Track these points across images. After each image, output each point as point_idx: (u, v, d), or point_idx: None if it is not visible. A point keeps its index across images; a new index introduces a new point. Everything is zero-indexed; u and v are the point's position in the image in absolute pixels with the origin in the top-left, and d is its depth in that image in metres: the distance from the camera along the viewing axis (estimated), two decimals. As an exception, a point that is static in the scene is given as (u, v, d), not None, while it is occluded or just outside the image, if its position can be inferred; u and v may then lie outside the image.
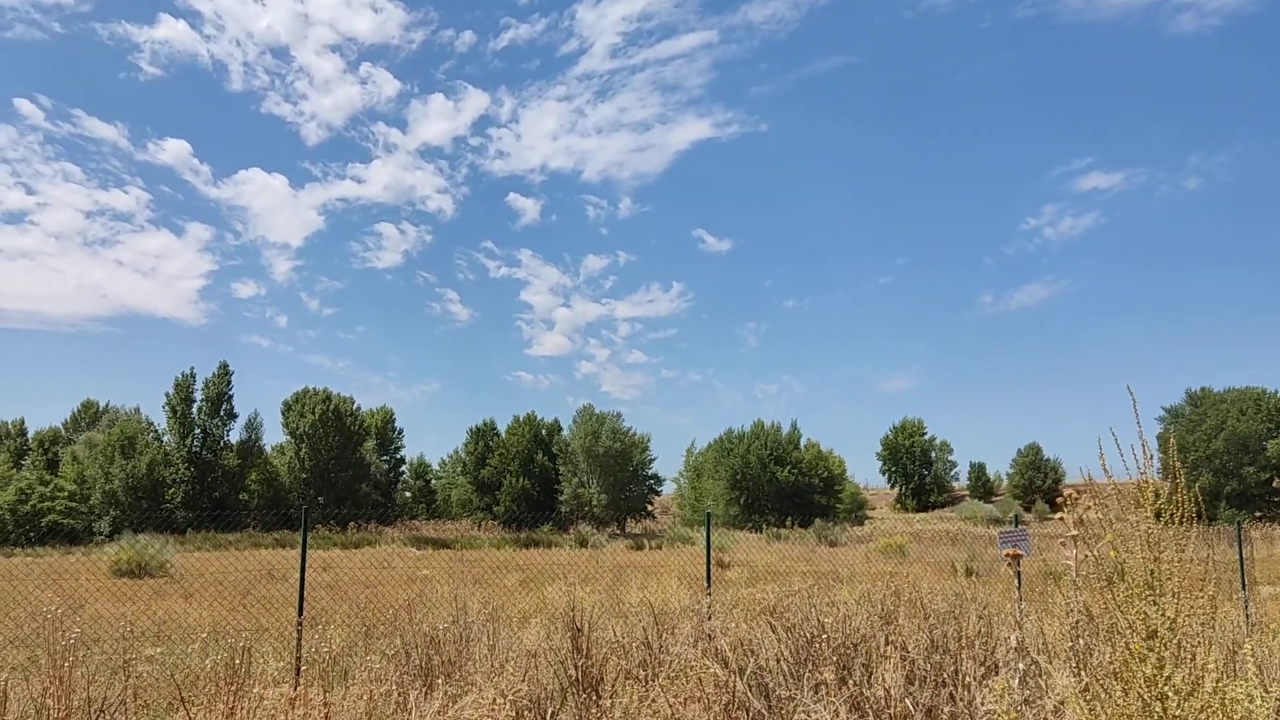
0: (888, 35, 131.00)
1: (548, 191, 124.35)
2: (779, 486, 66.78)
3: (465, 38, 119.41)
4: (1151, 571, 3.63)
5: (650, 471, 70.69)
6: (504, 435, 71.26)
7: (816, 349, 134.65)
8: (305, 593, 8.49)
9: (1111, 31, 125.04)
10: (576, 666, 5.92)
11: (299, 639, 7.00)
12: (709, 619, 8.02)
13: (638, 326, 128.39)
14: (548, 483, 68.34)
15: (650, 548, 42.44)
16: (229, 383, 59.93)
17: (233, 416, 60.01)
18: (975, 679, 7.06)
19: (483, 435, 71.69)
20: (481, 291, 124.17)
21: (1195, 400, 60.55)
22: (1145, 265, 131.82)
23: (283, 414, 64.25)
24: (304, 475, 61.16)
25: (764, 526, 57.13)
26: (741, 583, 20.74)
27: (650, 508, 71.05)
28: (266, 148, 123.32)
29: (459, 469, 73.92)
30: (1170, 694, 3.57)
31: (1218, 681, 4.26)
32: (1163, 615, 3.59)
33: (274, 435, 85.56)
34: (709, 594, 9.74)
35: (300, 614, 7.84)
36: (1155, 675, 3.64)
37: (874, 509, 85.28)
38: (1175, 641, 3.63)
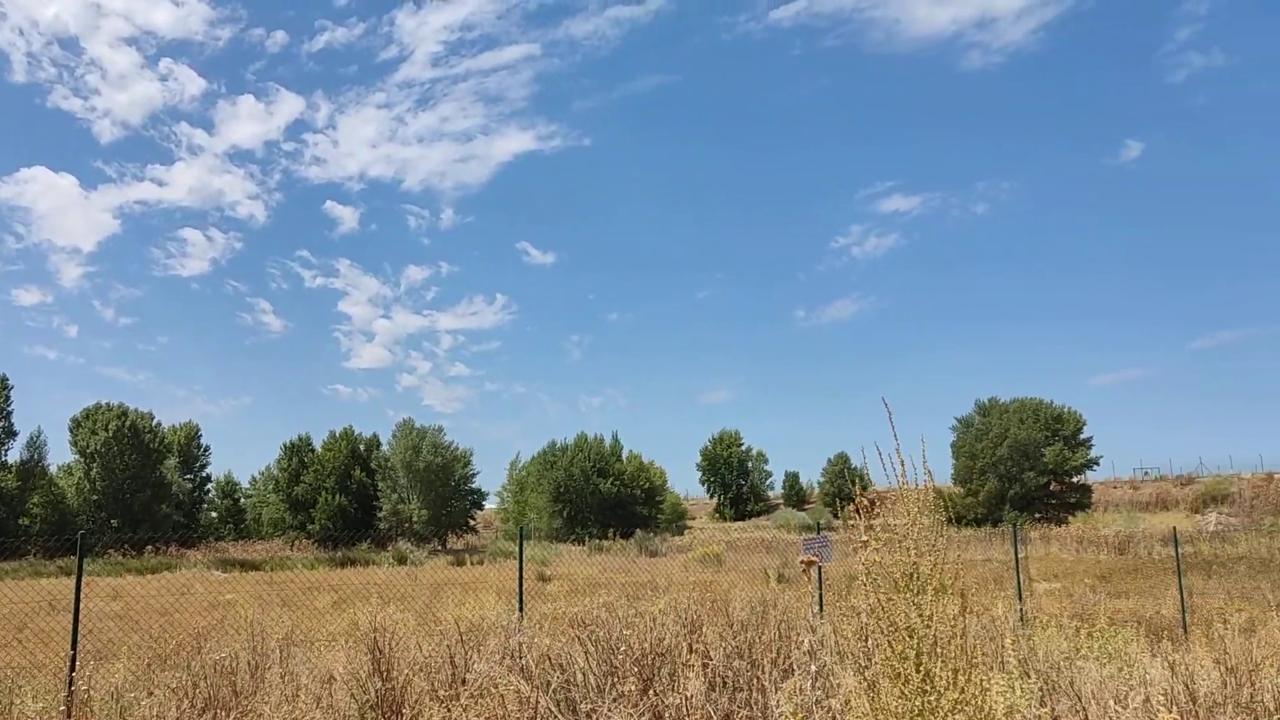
0: (706, 57, 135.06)
1: (367, 200, 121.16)
2: (602, 498, 67.24)
3: (277, 38, 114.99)
4: (911, 573, 3.91)
5: (473, 486, 69.80)
6: (320, 451, 68.63)
7: (639, 361, 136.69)
8: (90, 624, 7.93)
9: (910, 64, 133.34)
10: (376, 690, 5.80)
11: (70, 675, 6.52)
12: (518, 634, 8.02)
13: (460, 339, 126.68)
14: (366, 499, 66.27)
15: (472, 563, 41.88)
16: (7, 398, 55.15)
17: (11, 435, 55.26)
18: (772, 682, 7.35)
19: (297, 451, 68.80)
20: (296, 302, 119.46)
21: (983, 410, 65.19)
22: (941, 282, 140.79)
23: (71, 431, 59.57)
24: (95, 497, 56.88)
25: (586, 539, 57.38)
26: (561, 596, 20.78)
27: (473, 523, 70.07)
28: (53, 145, 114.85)
29: (271, 486, 70.57)
30: (930, 688, 3.86)
31: (972, 673, 4.61)
32: (920, 614, 3.88)
33: (61, 454, 79.27)
34: (520, 609, 9.73)
35: (74, 647, 7.30)
36: (915, 671, 3.92)
37: (694, 519, 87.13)
38: (932, 637, 3.92)
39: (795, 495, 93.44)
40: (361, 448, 69.23)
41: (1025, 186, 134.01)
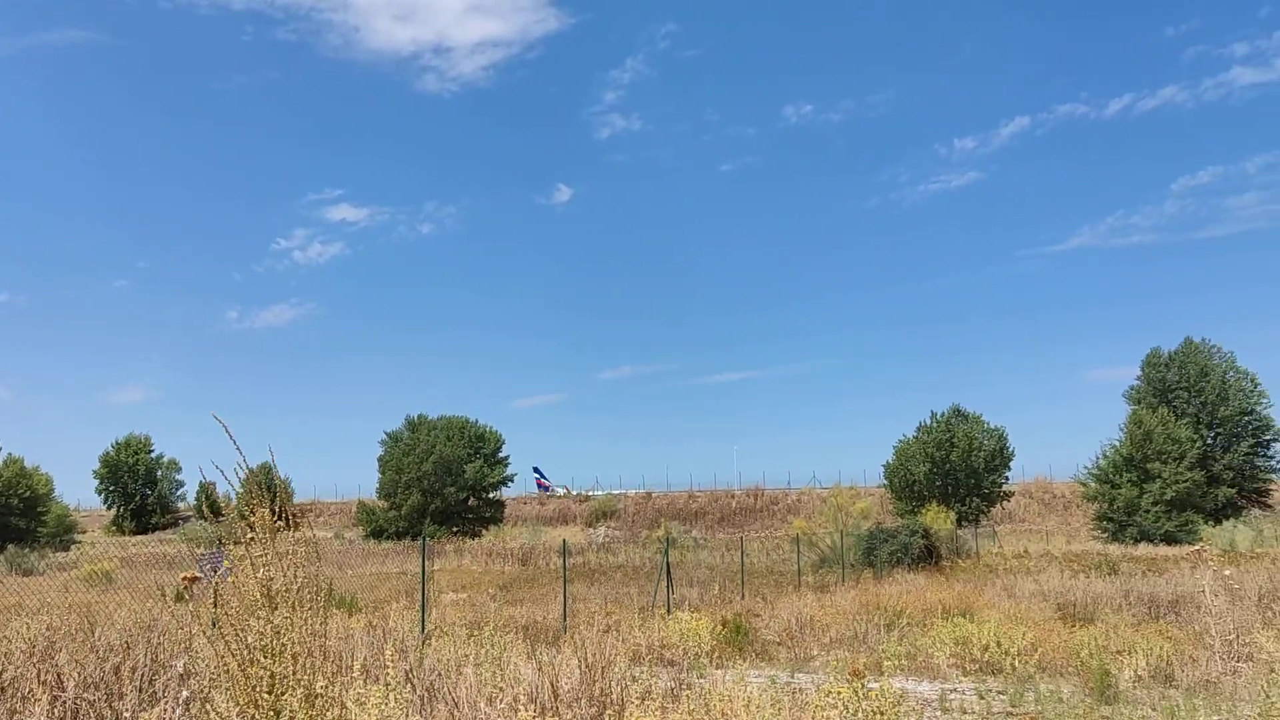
0: (142, 21, 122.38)
1: None
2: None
3: None
4: (267, 590, 3.67)
5: None
6: None
7: (33, 354, 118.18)
8: None
9: (367, 75, 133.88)
10: None
11: None
12: None
13: None
14: None
15: None
16: None
17: None
18: (133, 712, 6.58)
19: None
20: None
21: (413, 426, 66.99)
22: (383, 296, 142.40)
23: None
24: None
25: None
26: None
27: None
28: None
29: None
30: (285, 706, 3.64)
31: (345, 689, 4.47)
32: (277, 634, 3.66)
33: None
34: None
35: None
36: (268, 693, 3.68)
37: (84, 532, 77.07)
38: (290, 657, 3.71)
39: (211, 506, 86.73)
40: None
41: (468, 213, 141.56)
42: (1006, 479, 60.37)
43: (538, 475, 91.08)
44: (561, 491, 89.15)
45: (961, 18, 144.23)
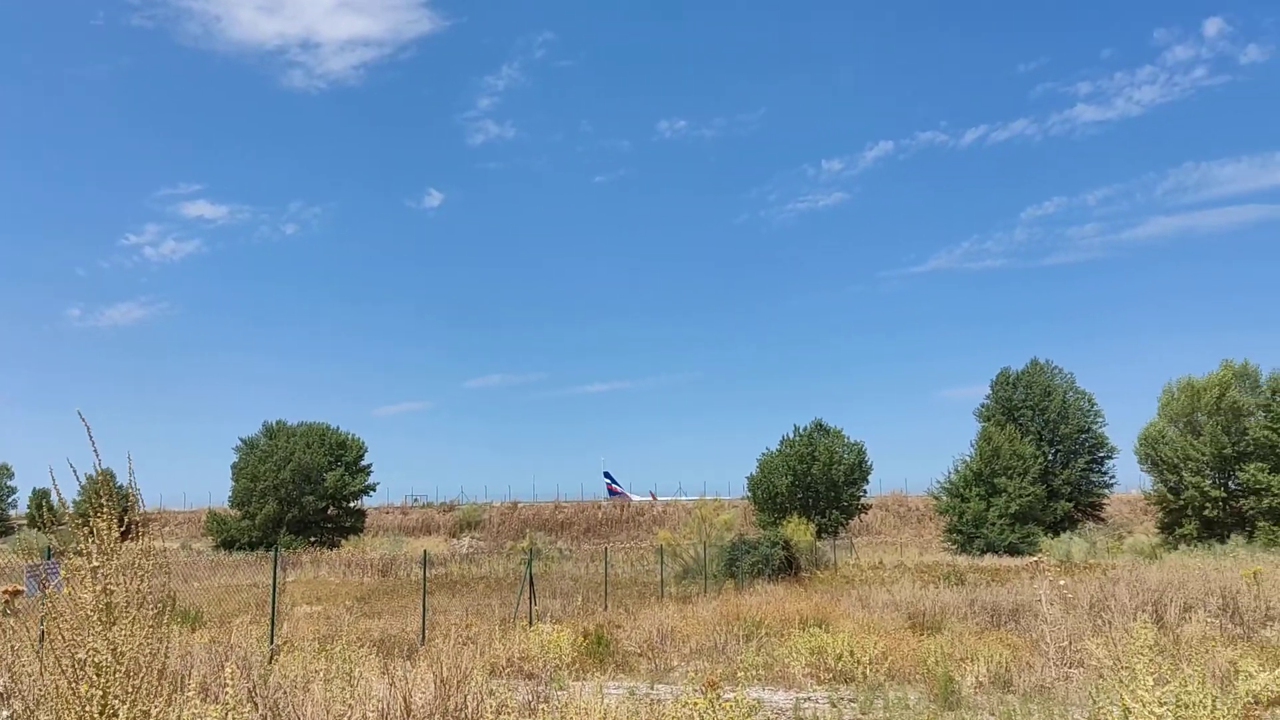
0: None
1: None
2: None
3: None
4: (106, 605, 3.45)
5: None
6: None
7: None
8: None
9: (229, 67, 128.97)
10: None
11: None
12: None
13: None
14: None
15: None
16: None
17: None
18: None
19: None
20: None
21: (270, 432, 64.50)
22: (243, 296, 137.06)
23: None
24: None
25: None
26: None
27: None
28: None
29: None
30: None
31: (183, 708, 4.24)
32: (113, 649, 3.44)
33: None
34: None
35: None
36: (100, 713, 3.45)
37: (-100, 542, 71.17)
38: (125, 673, 3.49)
39: (45, 515, 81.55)
40: None
41: (335, 214, 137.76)
42: (865, 492, 62.42)
43: (608, 480, 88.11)
44: (641, 498, 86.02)
45: (830, 44, 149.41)
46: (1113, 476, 60.80)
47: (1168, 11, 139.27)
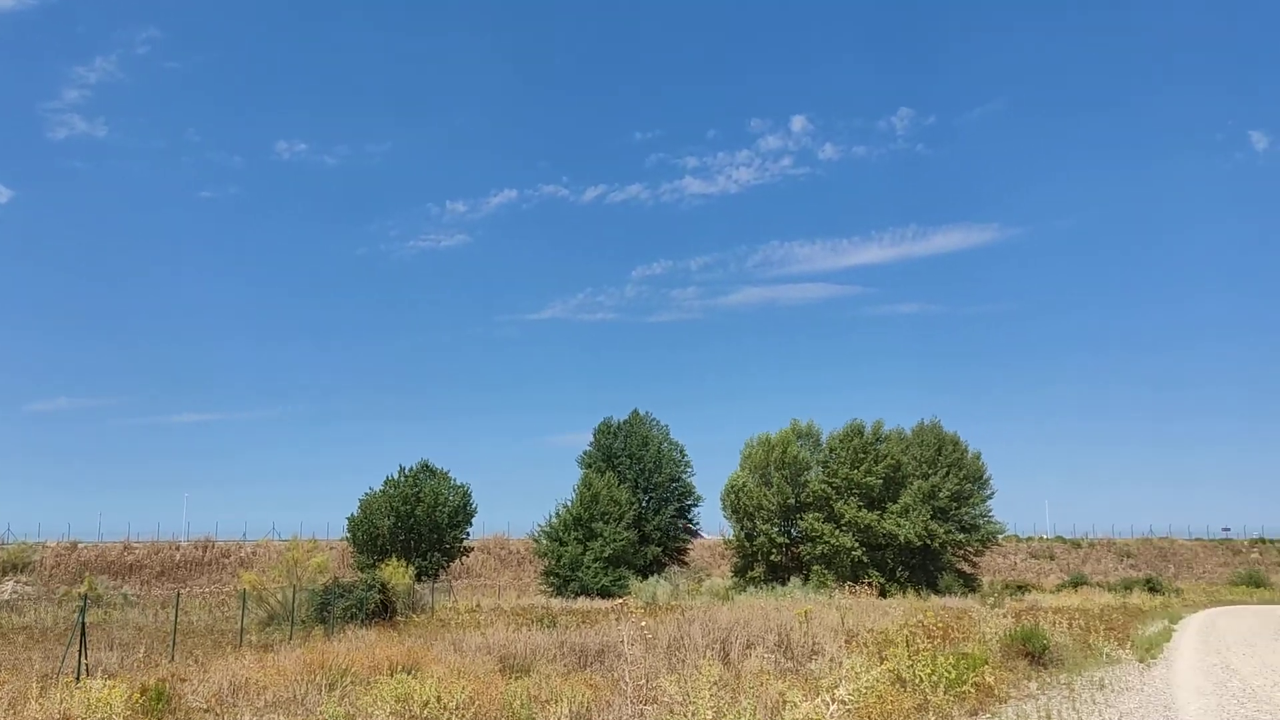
0: None
1: None
2: None
3: None
4: None
5: None
6: None
7: None
8: None
9: None
10: None
11: None
12: None
13: None
14: None
15: None
16: None
17: None
18: None
19: None
20: None
21: None
22: None
23: None
24: None
25: None
26: None
27: None
28: None
29: None
30: None
31: None
32: None
33: None
34: None
35: None
36: None
37: None
38: None
39: None
40: None
41: None
42: (468, 534, 62.33)
43: None
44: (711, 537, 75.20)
45: (460, 87, 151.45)
46: (697, 523, 65.95)
47: (762, 104, 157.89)
